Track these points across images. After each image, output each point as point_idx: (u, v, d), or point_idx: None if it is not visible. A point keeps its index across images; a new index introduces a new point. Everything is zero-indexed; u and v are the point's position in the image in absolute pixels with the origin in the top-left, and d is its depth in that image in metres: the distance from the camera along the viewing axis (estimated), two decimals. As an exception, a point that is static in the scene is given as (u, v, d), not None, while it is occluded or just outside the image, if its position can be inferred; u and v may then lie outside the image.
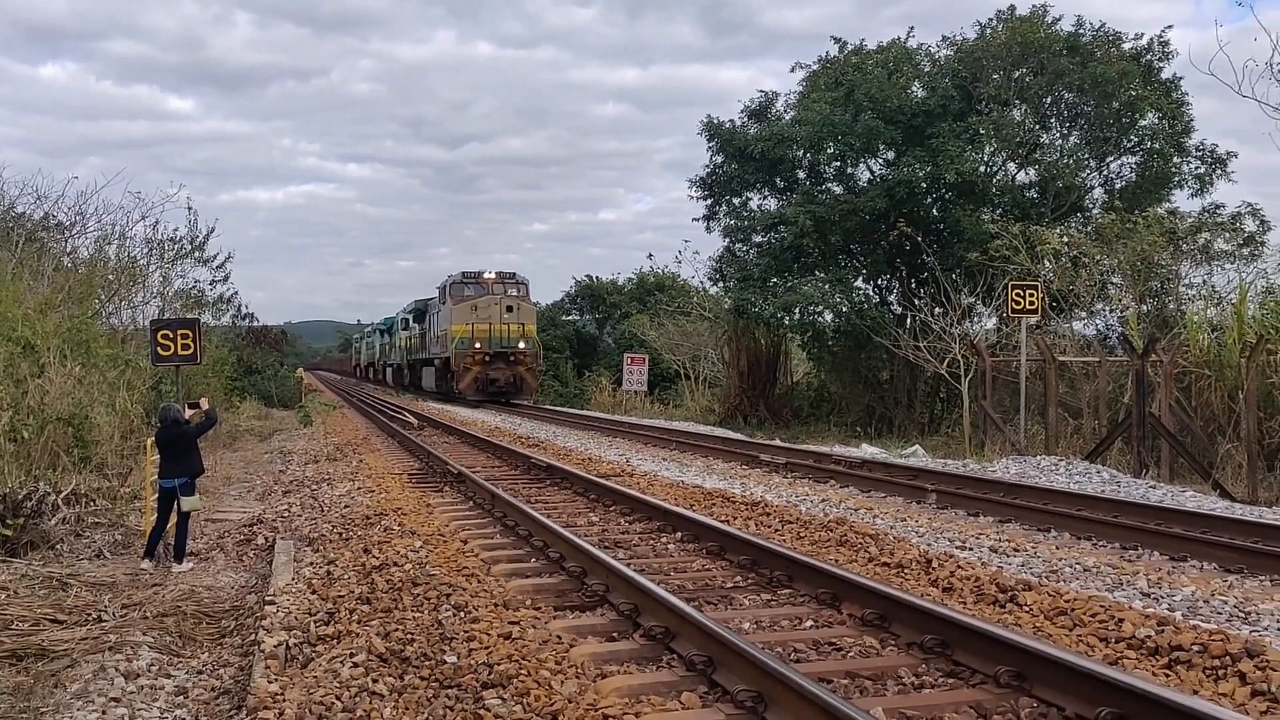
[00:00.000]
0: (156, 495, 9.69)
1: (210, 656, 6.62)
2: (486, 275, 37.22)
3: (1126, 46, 29.69)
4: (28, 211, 22.06)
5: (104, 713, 5.45)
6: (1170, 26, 37.41)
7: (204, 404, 10.15)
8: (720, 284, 35.22)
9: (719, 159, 33.44)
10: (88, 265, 21.87)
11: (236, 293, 34.64)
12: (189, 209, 31.32)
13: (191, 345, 11.28)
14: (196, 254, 26.89)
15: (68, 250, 22.73)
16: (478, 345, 34.55)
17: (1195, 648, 5.50)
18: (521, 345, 35.05)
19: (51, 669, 6.18)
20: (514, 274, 37.78)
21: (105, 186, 56.07)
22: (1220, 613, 6.59)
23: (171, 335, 11.29)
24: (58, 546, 9.94)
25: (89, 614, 7.41)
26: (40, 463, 11.95)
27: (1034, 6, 30.37)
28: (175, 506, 9.45)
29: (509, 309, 35.22)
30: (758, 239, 32.44)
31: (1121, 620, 6.04)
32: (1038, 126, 30.52)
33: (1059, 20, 30.16)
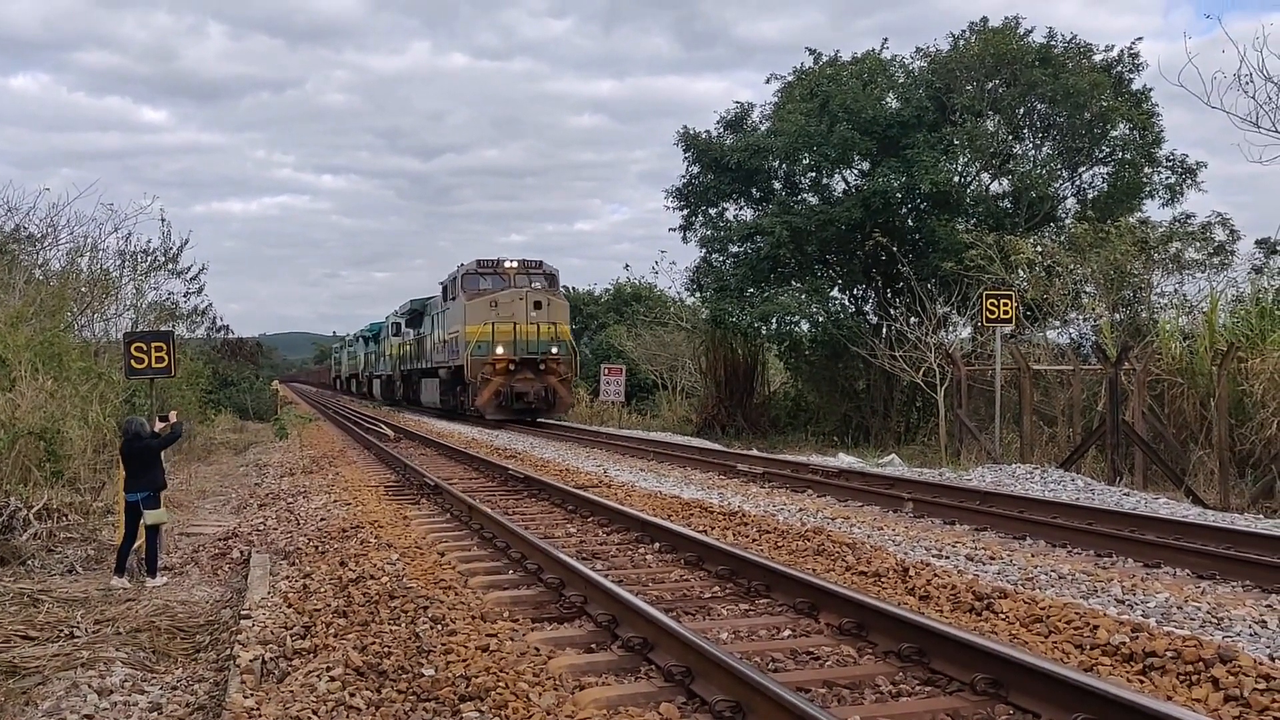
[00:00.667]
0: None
1: (185, 672, 6.57)
2: (507, 264, 30.54)
3: (1097, 58, 30.02)
4: (-2, 224, 21.86)
5: (76, 730, 5.39)
6: (1140, 38, 37.98)
7: (172, 417, 10.09)
8: (697, 294, 35.26)
9: (695, 169, 33.54)
10: (59, 278, 21.66)
11: (211, 305, 34.04)
12: (162, 220, 31.08)
13: (165, 358, 11.17)
14: (170, 266, 26.70)
15: (39, 263, 22.49)
16: (499, 350, 28.28)
17: (1169, 654, 5.54)
18: (554, 350, 28.78)
19: (23, 686, 6.11)
20: (540, 262, 31.21)
21: (78, 198, 55.67)
22: (1193, 619, 6.65)
23: (145, 348, 11.17)
24: (29, 562, 9.84)
25: (61, 630, 7.34)
26: (11, 477, 11.81)
27: (1006, 18, 30.70)
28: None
29: (537, 305, 28.87)
30: (734, 249, 32.54)
31: (1096, 627, 6.08)
32: (1011, 137, 30.78)
33: (1031, 32, 30.48)
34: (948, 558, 8.75)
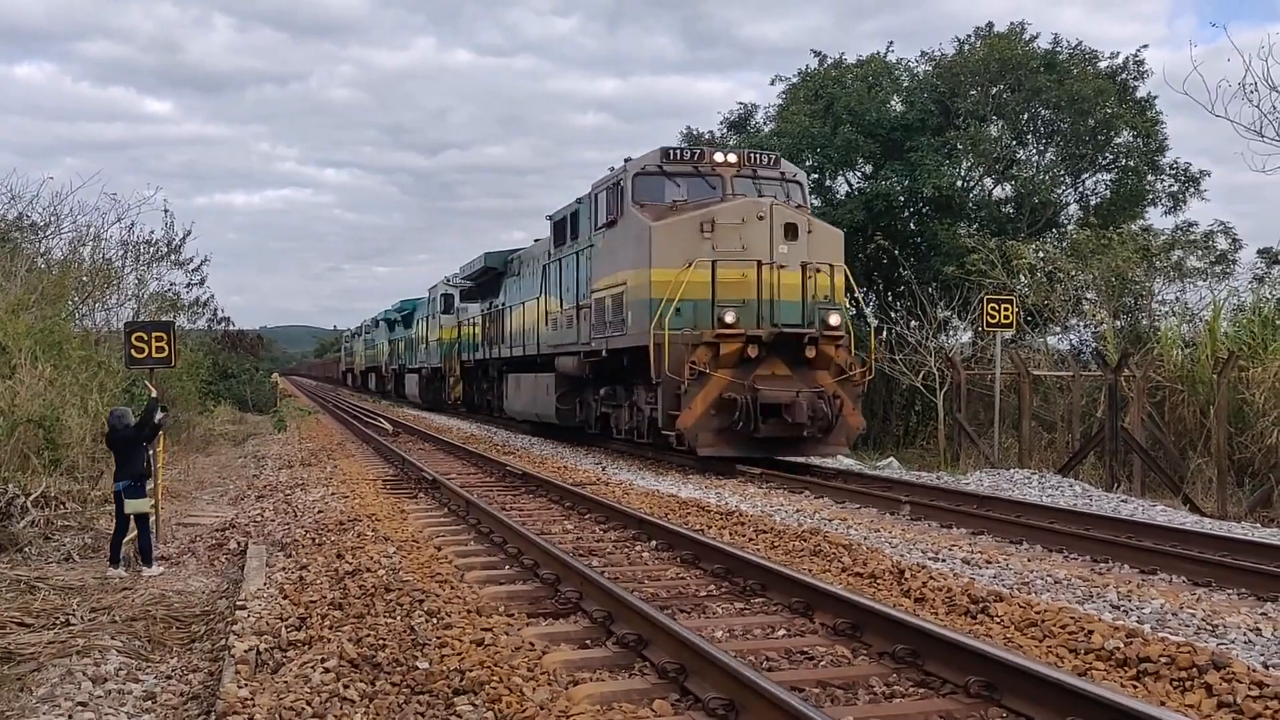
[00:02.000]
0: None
1: (180, 661, 6.57)
2: (721, 158, 16.42)
3: (1102, 65, 30.04)
4: (1, 212, 21.87)
5: (70, 717, 5.39)
6: (1145, 46, 37.70)
7: (152, 390, 10.25)
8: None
9: (699, 169, 33.51)
10: (61, 266, 21.63)
11: (213, 296, 33.83)
12: (165, 211, 31.10)
13: (166, 348, 11.15)
14: (173, 257, 26.65)
15: (41, 251, 22.48)
16: (729, 319, 14.71)
17: (1163, 659, 5.55)
18: (833, 320, 15.18)
19: (18, 672, 6.11)
20: (777, 157, 17.37)
21: (81, 188, 55.83)
22: (1188, 625, 6.66)
23: (146, 338, 11.15)
24: (26, 549, 9.84)
25: (57, 617, 7.33)
26: (9, 465, 11.81)
27: (1012, 24, 30.72)
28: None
29: (789, 230, 15.08)
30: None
31: (1091, 632, 6.09)
32: (1014, 142, 30.78)
33: (1036, 38, 30.49)
34: (944, 560, 8.75)
